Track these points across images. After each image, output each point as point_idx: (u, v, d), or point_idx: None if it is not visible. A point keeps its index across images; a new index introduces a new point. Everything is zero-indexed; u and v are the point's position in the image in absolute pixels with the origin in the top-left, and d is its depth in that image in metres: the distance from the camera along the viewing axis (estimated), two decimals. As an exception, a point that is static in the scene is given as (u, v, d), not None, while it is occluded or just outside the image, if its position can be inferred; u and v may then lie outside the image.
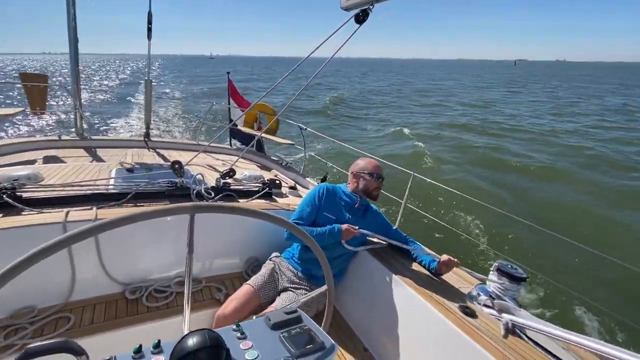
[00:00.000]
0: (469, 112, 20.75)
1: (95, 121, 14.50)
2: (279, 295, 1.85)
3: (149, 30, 3.71)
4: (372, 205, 2.06)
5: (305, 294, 1.83)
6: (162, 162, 3.49)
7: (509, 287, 1.55)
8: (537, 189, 8.20)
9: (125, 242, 1.95)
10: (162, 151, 4.02)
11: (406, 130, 14.12)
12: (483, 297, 1.59)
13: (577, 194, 7.83)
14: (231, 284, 2.20)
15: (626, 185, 8.28)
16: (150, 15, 3.64)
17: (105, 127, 13.69)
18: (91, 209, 1.92)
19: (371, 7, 2.14)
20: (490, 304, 1.54)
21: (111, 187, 2.28)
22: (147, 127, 4.40)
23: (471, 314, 1.47)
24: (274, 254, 2.08)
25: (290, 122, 5.20)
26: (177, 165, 2.26)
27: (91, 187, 2.20)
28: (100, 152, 3.84)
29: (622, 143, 12.76)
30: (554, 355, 1.27)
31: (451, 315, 1.46)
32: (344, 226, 1.84)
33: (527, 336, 1.37)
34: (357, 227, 1.85)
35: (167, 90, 28.41)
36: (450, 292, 1.64)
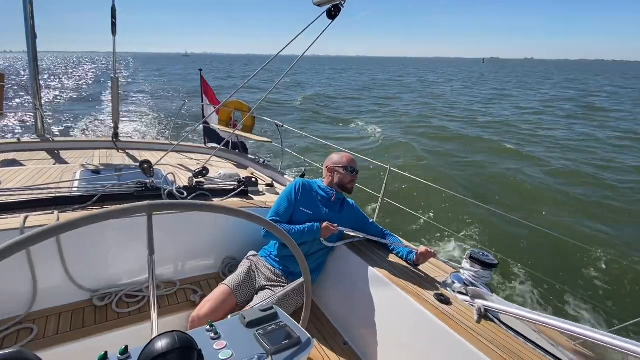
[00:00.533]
0: (421, 101, 25.53)
1: (61, 122, 13.74)
2: (256, 294, 1.83)
3: (114, 25, 3.54)
4: (348, 198, 2.07)
5: (281, 290, 1.82)
6: (131, 163, 3.36)
7: (481, 273, 1.60)
8: (458, 151, 11.47)
9: (91, 246, 1.86)
10: (131, 152, 3.86)
11: (364, 120, 16.78)
12: (457, 285, 1.64)
13: (486, 156, 11.05)
14: (207, 285, 2.14)
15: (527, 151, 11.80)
16: (114, 9, 3.47)
17: (71, 128, 13.00)
18: (52, 213, 1.81)
19: (343, 2, 2.15)
20: (464, 291, 1.59)
21: (75, 189, 2.16)
22: (116, 127, 4.21)
23: (446, 301, 1.51)
24: (250, 253, 2.05)
25: (267, 119, 5.13)
26: (146, 165, 2.17)
27: (53, 191, 2.07)
28: (64, 154, 3.63)
29: (527, 123, 17.47)
30: (524, 337, 1.33)
31: (427, 304, 1.49)
32: (323, 224, 1.84)
33: (499, 320, 1.42)
34: (336, 225, 1.86)
35: (139, 89, 27.33)
36: (426, 282, 1.68)
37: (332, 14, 2.20)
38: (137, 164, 2.36)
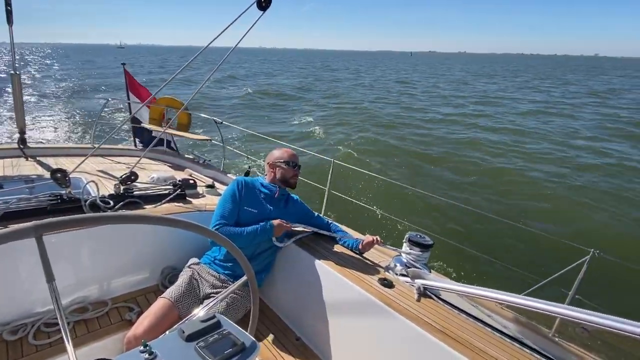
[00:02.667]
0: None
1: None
2: (201, 303, 1.73)
3: (9, 13, 3.03)
4: (292, 194, 2.06)
5: (231, 296, 1.74)
6: (44, 172, 2.93)
7: (419, 254, 1.71)
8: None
9: None
10: (45, 159, 3.36)
11: (304, 114, 18.13)
12: (399, 268, 1.73)
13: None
14: (145, 300, 1.97)
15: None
16: None
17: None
18: None
19: (273, -7, 2.10)
20: (405, 273, 1.69)
21: None
22: (22, 132, 3.62)
23: (389, 285, 1.59)
24: (191, 261, 1.92)
25: (204, 115, 4.85)
26: (59, 174, 1.91)
27: None
28: None
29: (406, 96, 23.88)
30: (460, 310, 1.45)
31: (372, 289, 1.55)
32: (276, 222, 1.81)
33: (437, 297, 1.53)
34: (288, 222, 1.85)
35: (54, 86, 23.88)
36: (371, 268, 1.75)
37: (263, 5, 2.14)
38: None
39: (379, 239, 1.86)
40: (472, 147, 11.39)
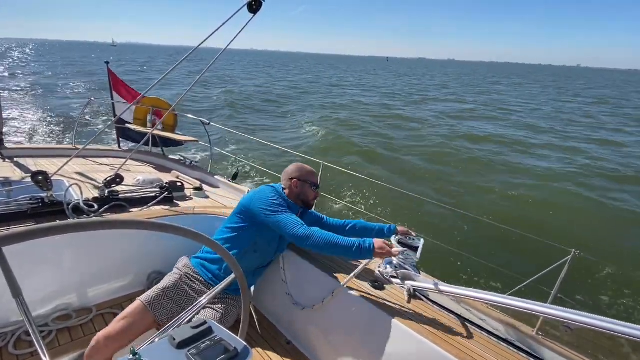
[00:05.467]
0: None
1: None
2: (186, 307, 1.68)
3: None
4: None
5: (220, 304, 1.71)
6: (23, 174, 2.82)
7: (409, 256, 1.73)
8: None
9: None
10: (23, 160, 3.23)
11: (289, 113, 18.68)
12: (389, 270, 1.75)
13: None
14: None
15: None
16: None
17: None
18: None
19: (263, -4, 2.10)
20: (395, 275, 1.71)
21: None
22: None
23: (380, 287, 1.61)
24: (180, 262, 1.88)
25: (191, 116, 4.78)
26: (40, 177, 1.84)
27: None
28: None
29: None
30: (449, 310, 1.48)
31: (364, 292, 1.56)
32: (378, 243, 1.49)
33: (427, 298, 1.56)
34: (391, 244, 1.57)
35: (34, 84, 22.98)
36: (362, 271, 1.76)
37: (254, 8, 2.14)
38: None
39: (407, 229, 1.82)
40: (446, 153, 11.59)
